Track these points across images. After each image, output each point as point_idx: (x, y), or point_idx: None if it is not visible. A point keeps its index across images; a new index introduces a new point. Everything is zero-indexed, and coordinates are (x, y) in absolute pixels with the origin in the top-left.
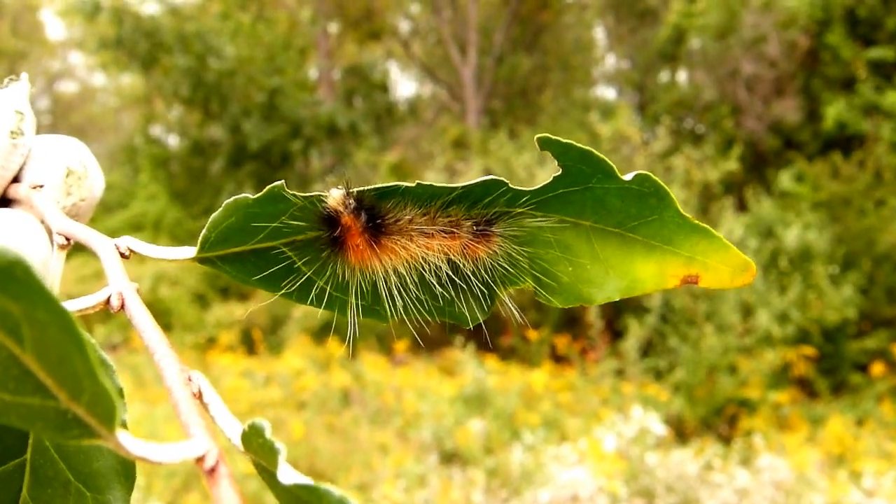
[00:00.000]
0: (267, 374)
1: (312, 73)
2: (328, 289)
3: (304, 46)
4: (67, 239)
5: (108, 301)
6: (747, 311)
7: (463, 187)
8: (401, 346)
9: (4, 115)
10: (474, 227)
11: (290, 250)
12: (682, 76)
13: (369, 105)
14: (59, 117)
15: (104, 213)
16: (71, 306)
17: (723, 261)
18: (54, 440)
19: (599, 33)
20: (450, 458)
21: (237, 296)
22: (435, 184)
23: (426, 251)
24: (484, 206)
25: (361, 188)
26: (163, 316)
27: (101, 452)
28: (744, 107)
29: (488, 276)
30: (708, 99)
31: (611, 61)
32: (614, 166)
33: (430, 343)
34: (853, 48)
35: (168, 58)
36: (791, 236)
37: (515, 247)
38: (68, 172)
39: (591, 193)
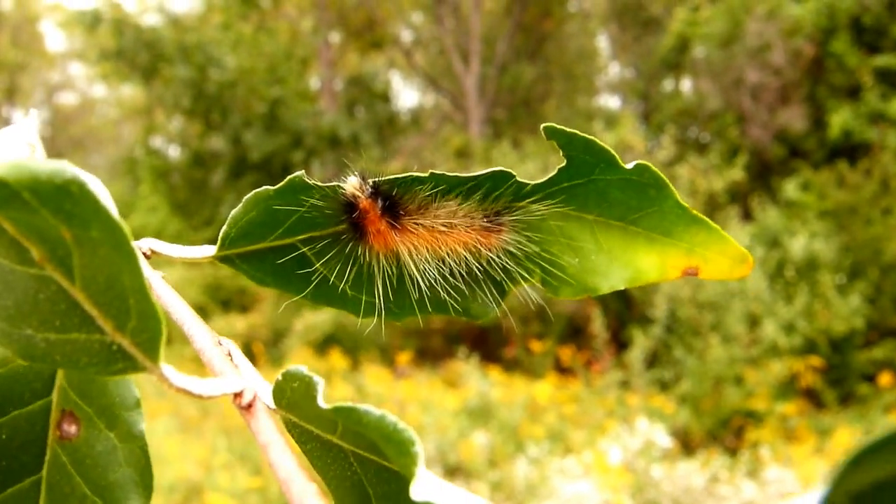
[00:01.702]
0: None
1: (314, 83)
2: (345, 287)
3: (306, 56)
4: None
5: None
6: (753, 322)
7: (473, 177)
8: (404, 358)
9: (18, 148)
10: (484, 219)
11: (308, 248)
12: (686, 85)
13: (371, 115)
14: (59, 129)
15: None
16: None
17: (721, 252)
18: (100, 374)
19: (603, 42)
20: (453, 471)
21: (238, 308)
22: (447, 173)
23: (441, 237)
24: (493, 197)
25: (377, 177)
26: None
27: (118, 464)
28: (749, 115)
29: (499, 267)
30: (712, 107)
31: (614, 70)
32: (616, 155)
33: (433, 355)
34: (859, 56)
35: (169, 69)
36: (797, 245)
37: (525, 235)
38: None
39: (594, 186)
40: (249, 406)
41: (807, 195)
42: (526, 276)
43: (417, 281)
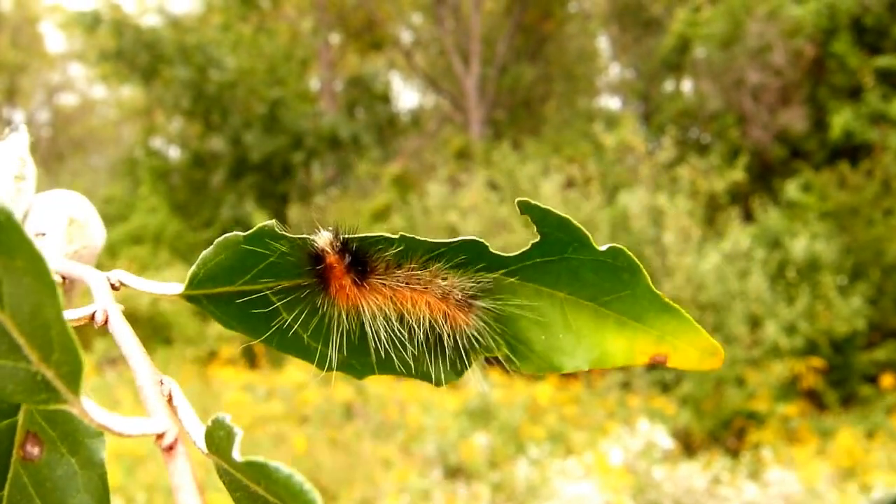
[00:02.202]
0: (268, 388)
1: (314, 84)
2: (307, 337)
3: (306, 57)
4: (64, 278)
5: (93, 316)
6: (755, 323)
7: (444, 244)
8: None
9: (9, 162)
10: (457, 293)
11: (274, 296)
12: (686, 86)
13: (371, 116)
14: (59, 130)
15: (104, 226)
16: None
17: (691, 343)
18: (25, 403)
19: (603, 43)
20: (454, 472)
21: None
22: (417, 237)
23: (407, 301)
24: (464, 266)
25: (349, 234)
26: (163, 330)
27: (76, 490)
28: (749, 116)
29: (465, 338)
30: (713, 108)
31: (615, 71)
32: (590, 236)
33: None
34: (860, 57)
35: (169, 69)
36: (798, 247)
37: (494, 323)
38: (70, 221)
39: (566, 264)
40: (170, 448)
41: (808, 196)
42: (492, 348)
43: (377, 341)
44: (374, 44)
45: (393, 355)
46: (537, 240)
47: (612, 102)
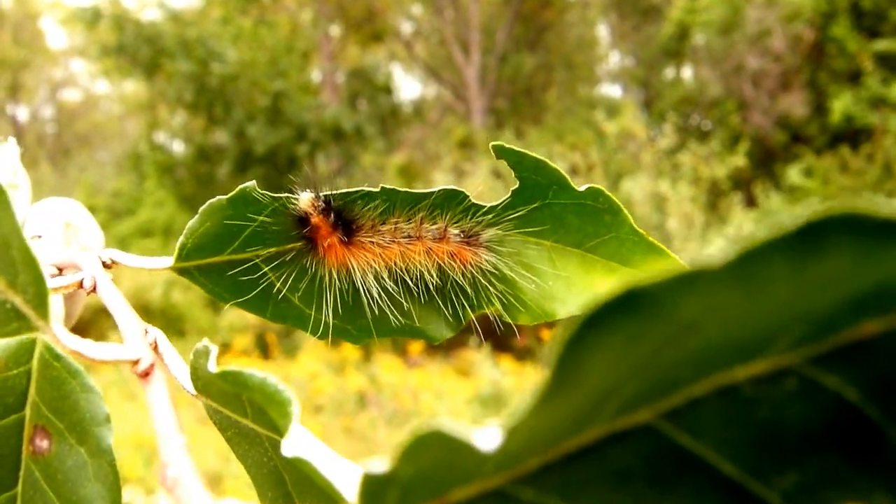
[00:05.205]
0: (282, 378)
1: (316, 76)
2: (300, 303)
3: (307, 49)
4: (59, 269)
5: (81, 283)
6: None
7: (426, 194)
8: (415, 347)
9: (1, 171)
10: (456, 231)
11: (264, 263)
12: (687, 72)
13: (374, 107)
14: (64, 126)
15: (113, 220)
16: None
17: None
18: None
19: (603, 31)
20: None
21: None
22: (398, 189)
23: (397, 256)
24: (448, 214)
25: (329, 192)
26: (176, 322)
27: (87, 479)
28: (750, 102)
29: (458, 290)
30: (714, 95)
31: (615, 59)
32: (567, 177)
33: (444, 344)
34: (859, 41)
35: (170, 63)
36: None
37: (502, 256)
38: (67, 225)
39: (549, 210)
40: (146, 374)
41: (810, 181)
42: (485, 301)
43: (371, 300)
44: (374, 35)
45: (388, 313)
46: (516, 186)
47: (612, 90)
